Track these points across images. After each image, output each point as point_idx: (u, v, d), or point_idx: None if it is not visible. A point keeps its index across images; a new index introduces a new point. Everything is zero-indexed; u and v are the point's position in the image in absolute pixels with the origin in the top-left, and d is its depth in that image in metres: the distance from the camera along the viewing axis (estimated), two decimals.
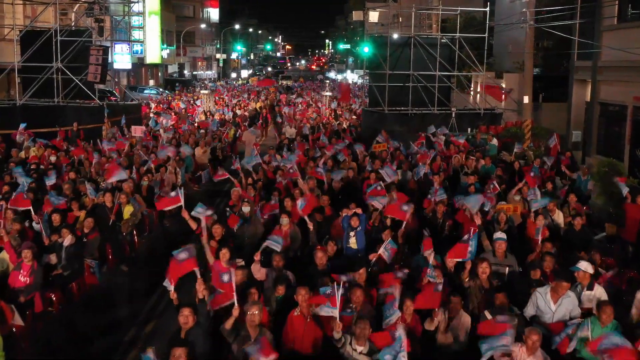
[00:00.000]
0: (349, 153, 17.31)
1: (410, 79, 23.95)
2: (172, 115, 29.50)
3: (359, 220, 9.57)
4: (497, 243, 8.89)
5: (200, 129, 23.30)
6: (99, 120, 22.57)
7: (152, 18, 48.95)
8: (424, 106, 23.75)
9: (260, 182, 13.14)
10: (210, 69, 78.98)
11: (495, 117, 23.99)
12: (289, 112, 32.39)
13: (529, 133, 22.91)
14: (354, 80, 67.37)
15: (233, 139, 24.39)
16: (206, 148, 18.88)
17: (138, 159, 15.70)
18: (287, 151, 17.67)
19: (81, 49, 23.58)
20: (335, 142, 19.33)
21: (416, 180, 14.41)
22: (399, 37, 24.57)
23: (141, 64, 49.76)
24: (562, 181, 16.15)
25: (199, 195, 16.56)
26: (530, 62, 22.65)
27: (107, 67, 23.50)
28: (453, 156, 17.41)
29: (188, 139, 19.90)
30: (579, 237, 10.63)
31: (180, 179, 15.18)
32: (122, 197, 11.46)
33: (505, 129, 23.15)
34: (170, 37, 59.89)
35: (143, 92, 44.96)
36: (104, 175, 13.77)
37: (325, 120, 27.79)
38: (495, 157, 19.26)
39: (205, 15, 76.82)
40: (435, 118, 23.03)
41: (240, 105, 35.54)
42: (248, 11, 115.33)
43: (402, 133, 22.52)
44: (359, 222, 9.56)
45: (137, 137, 20.21)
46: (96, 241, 10.01)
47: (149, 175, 13.65)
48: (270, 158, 15.75)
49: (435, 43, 24.47)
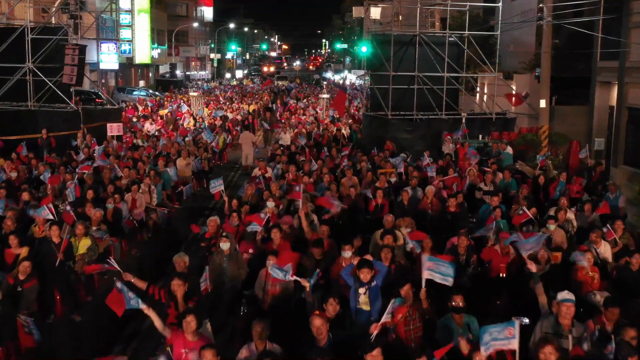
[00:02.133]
0: (349, 166, 15.28)
1: (415, 81, 21.92)
2: (158, 119, 27.40)
3: (371, 273, 7.18)
4: (563, 307, 6.45)
5: (185, 137, 21.18)
6: (74, 127, 20.49)
7: (142, 16, 46.84)
8: (430, 110, 21.71)
9: (248, 205, 11.07)
10: (204, 69, 76.91)
11: (508, 123, 21.97)
12: (283, 116, 30.39)
13: (546, 140, 20.94)
14: (352, 81, 65.27)
15: (223, 147, 22.34)
16: (189, 159, 16.82)
17: (108, 174, 13.64)
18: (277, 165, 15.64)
19: (57, 49, 21.53)
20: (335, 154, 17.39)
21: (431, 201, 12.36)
22: (402, 35, 22.51)
23: (130, 64, 47.63)
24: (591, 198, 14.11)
25: (179, 215, 14.57)
26: (548, 62, 20.68)
27: (83, 67, 21.45)
28: (467, 169, 15.42)
29: (170, 148, 17.83)
30: (636, 278, 8.61)
31: (155, 199, 13.13)
32: (78, 227, 9.40)
33: (520, 136, 21.15)
34: (162, 37, 57.79)
35: (132, 94, 42.79)
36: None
37: (323, 126, 25.71)
38: (511, 168, 17.30)
39: (199, 14, 74.70)
40: (444, 124, 21.01)
41: (231, 108, 33.44)
42: (244, 10, 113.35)
43: (408, 141, 20.52)
44: (371, 276, 7.16)
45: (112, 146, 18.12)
46: (33, 290, 7.93)
47: (115, 196, 11.56)
48: (255, 183, 13.33)
49: (442, 42, 22.45)
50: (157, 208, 13.01)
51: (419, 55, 21.92)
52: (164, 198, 13.73)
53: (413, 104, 21.78)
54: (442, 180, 14.09)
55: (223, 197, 11.54)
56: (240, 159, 22.56)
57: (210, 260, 8.71)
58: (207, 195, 16.91)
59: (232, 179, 19.64)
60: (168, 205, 13.82)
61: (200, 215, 14.86)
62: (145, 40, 47.71)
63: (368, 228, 12.04)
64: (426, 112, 21.62)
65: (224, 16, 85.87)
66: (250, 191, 12.30)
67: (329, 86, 59.73)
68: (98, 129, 20.66)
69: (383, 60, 21.34)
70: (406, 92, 22.06)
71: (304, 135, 21.48)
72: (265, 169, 15.19)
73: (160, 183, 13.61)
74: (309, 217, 10.84)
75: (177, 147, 18.03)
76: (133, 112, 32.57)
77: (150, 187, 13.00)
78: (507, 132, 21.45)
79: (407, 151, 18.81)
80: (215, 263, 8.53)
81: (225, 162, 22.54)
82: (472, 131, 21.05)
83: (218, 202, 16.27)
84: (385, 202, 12.45)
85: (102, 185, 13.04)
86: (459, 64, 23.15)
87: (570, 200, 13.69)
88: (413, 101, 21.80)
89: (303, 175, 14.42)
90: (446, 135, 19.06)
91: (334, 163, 16.51)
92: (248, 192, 12.32)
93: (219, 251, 8.58)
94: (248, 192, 12.29)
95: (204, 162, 17.90)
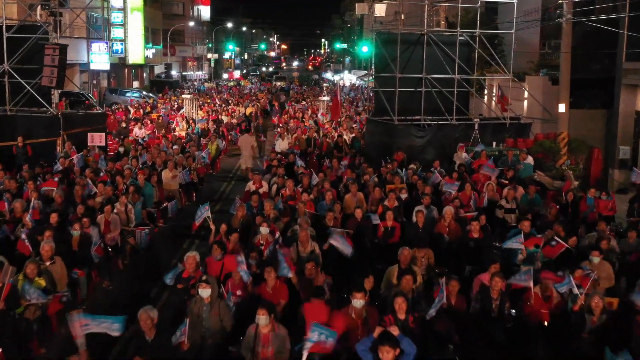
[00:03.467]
0: (353, 180, 13.67)
1: (423, 83, 20.30)
2: (148, 123, 25.76)
3: (394, 353, 5.42)
4: None
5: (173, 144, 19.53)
6: (53, 133, 18.85)
7: (135, 15, 45.08)
8: (438, 115, 20.09)
9: (237, 233, 9.44)
10: (201, 70, 75.23)
11: (523, 128, 20.34)
12: (281, 119, 28.77)
13: (565, 148, 19.33)
14: (352, 82, 63.56)
15: (215, 154, 20.69)
16: (176, 171, 15.19)
17: (80, 191, 12.00)
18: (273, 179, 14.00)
19: (37, 48, 19.88)
20: (337, 163, 15.77)
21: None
22: (409, 34, 20.86)
23: (123, 65, 45.91)
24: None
25: (163, 236, 12.97)
26: (567, 63, 19.06)
27: (64, 69, 19.77)
28: (485, 183, 13.82)
29: (156, 158, 16.20)
30: None
31: (133, 219, 11.50)
32: (28, 267, 7.78)
33: (537, 143, 19.55)
34: (157, 36, 56.09)
35: (125, 95, 41.15)
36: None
37: (324, 131, 24.07)
38: (530, 180, 15.72)
39: (195, 13, 73.00)
40: (454, 130, 19.41)
41: (227, 111, 31.79)
42: (242, 10, 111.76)
43: (416, 149, 18.91)
44: (394, 357, 5.43)
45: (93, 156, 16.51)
46: None
47: (83, 221, 9.90)
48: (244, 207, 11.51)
49: (451, 41, 20.83)
50: (136, 229, 11.41)
51: (427, 56, 20.30)
52: (144, 217, 12.09)
53: (420, 108, 20.16)
54: (458, 198, 12.50)
55: (209, 224, 9.93)
56: (234, 167, 21.02)
57: (188, 308, 7.10)
58: (195, 210, 15.35)
59: (225, 191, 17.99)
60: (149, 225, 12.18)
61: (186, 235, 13.24)
62: (139, 39, 45.98)
63: (377, 255, 10.50)
64: (435, 117, 20.01)
65: (221, 15, 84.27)
66: (240, 213, 10.68)
67: (329, 87, 58.05)
68: (79, 135, 19.03)
69: (388, 60, 19.70)
70: (412, 95, 20.46)
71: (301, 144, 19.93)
72: (259, 183, 13.59)
73: (139, 201, 11.95)
74: (310, 245, 9.28)
75: (164, 156, 16.41)
76: (123, 114, 30.96)
77: (127, 206, 11.37)
78: (522, 138, 19.87)
79: (416, 161, 17.24)
80: (193, 313, 6.92)
81: (218, 171, 20.90)
82: (485, 138, 19.47)
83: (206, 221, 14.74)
84: (395, 224, 10.86)
85: (74, 205, 11.42)
86: (469, 65, 21.55)
87: (599, 216, 12.20)
88: (420, 105, 20.18)
89: (302, 191, 12.85)
90: (462, 147, 17.43)
91: (336, 175, 14.92)
92: (238, 214, 10.70)
93: (198, 299, 6.97)
94: (238, 215, 10.67)
95: (193, 173, 16.25)
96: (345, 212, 12.10)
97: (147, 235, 11.44)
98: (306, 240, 9.34)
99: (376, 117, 20.69)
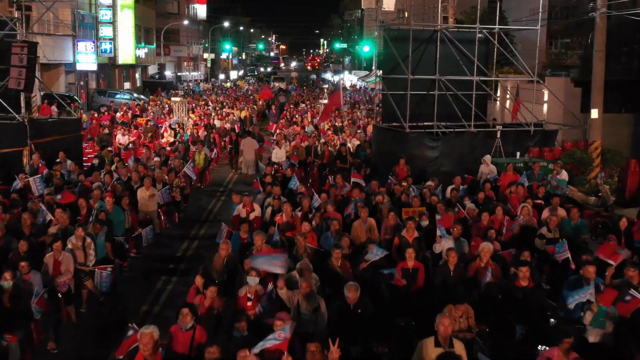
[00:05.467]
0: (363, 202, 11.47)
1: (436, 86, 18.09)
2: (132, 129, 23.54)
3: None
4: None
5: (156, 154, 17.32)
6: (20, 143, 16.65)
7: (125, 12, 42.86)
8: (453, 121, 17.89)
9: (215, 287, 7.20)
10: (197, 70, 73.06)
11: (549, 136, 18.13)
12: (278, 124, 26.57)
13: (598, 158, 17.18)
14: (352, 82, 61.32)
15: (204, 165, 18.43)
16: (154, 189, 12.98)
17: (29, 220, 9.78)
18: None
19: (5, 47, 17.70)
20: (341, 180, 13.55)
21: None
22: (420, 31, 18.64)
23: (113, 65, 43.69)
24: None
25: (133, 273, 10.78)
26: (601, 63, 16.89)
27: (34, 69, 17.60)
28: (520, 206, 11.62)
29: (132, 173, 13.98)
30: None
31: (93, 256, 9.28)
32: None
33: (566, 153, 17.39)
34: (150, 35, 53.90)
35: (115, 97, 38.86)
36: None
37: (324, 137, 21.85)
38: (562, 197, 13.54)
39: (191, 11, 70.85)
40: (473, 138, 17.19)
41: (220, 115, 29.53)
42: (240, 10, 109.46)
43: (429, 160, 16.72)
44: None
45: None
46: None
47: (21, 265, 7.68)
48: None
49: (467, 38, 18.65)
50: (96, 269, 9.21)
51: (440, 55, 18.08)
52: (109, 251, 9.86)
53: (433, 113, 17.95)
54: (492, 227, 10.31)
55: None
56: (225, 179, 18.90)
57: None
58: (177, 235, 13.17)
59: (213, 210, 15.72)
60: (115, 262, 9.96)
61: (162, 271, 11.03)
62: (129, 38, 43.76)
63: (396, 306, 8.34)
64: (449, 123, 17.83)
65: (218, 14, 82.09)
66: (224, 252, 8.47)
67: (329, 88, 55.76)
68: (49, 145, 16.81)
69: (399, 60, 17.46)
70: (424, 99, 18.28)
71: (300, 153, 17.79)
72: (250, 206, 11.37)
73: (102, 232, 9.73)
74: (314, 300, 7.11)
75: (143, 170, 14.19)
76: (109, 118, 28.75)
77: (85, 239, 9.15)
78: (548, 147, 17.69)
79: (434, 177, 15.05)
80: None
81: (207, 184, 18.64)
82: (505, 147, 17.26)
83: (190, 247, 12.57)
84: (418, 264, 8.67)
85: (21, 238, 9.21)
86: (487, 65, 19.38)
87: None
88: (433, 110, 17.97)
89: (301, 216, 10.68)
90: (487, 160, 15.25)
91: (342, 195, 12.68)
92: (222, 253, 8.48)
93: None
94: (222, 254, 8.45)
95: (176, 190, 14.01)
96: (354, 243, 9.97)
97: (109, 276, 9.21)
98: (309, 291, 7.19)
99: (384, 123, 18.49)
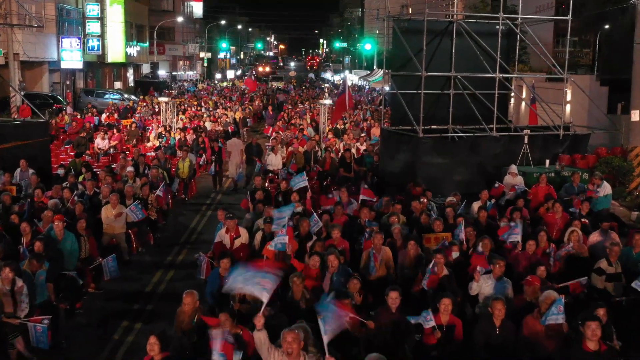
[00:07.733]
0: (377, 227, 9.32)
1: (452, 84, 15.95)
2: (115, 132, 21.36)
3: None
4: None
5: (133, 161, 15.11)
6: None
7: (115, 8, 40.68)
8: (472, 124, 15.74)
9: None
10: (193, 69, 70.84)
11: (580, 142, 15.96)
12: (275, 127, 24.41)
13: (639, 167, 15.05)
14: (353, 82, 59.13)
15: (189, 174, 16.21)
16: (122, 207, 10.79)
17: None
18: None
19: None
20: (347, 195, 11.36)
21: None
22: (434, 21, 16.48)
23: (102, 63, 41.51)
24: None
25: (86, 320, 8.62)
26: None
27: None
28: (569, 230, 9.47)
29: (102, 186, 11.80)
30: None
31: (26, 303, 7.11)
32: None
33: (601, 161, 15.25)
34: (142, 33, 51.72)
35: (103, 97, 36.70)
36: None
37: (325, 142, 19.69)
38: (605, 214, 11.44)
39: (187, 9, 68.63)
40: (495, 144, 15.04)
41: (213, 116, 27.34)
42: (239, 9, 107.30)
43: (442, 167, 14.55)
44: None
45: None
46: None
47: None
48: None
49: (488, 31, 16.50)
50: (29, 321, 7.04)
51: (456, 50, 15.92)
52: (51, 294, 7.69)
53: (448, 115, 15.81)
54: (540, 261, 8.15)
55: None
56: (212, 192, 16.78)
57: None
58: (149, 263, 10.99)
59: (196, 228, 13.50)
60: (59, 308, 7.77)
61: (126, 313, 8.85)
62: (119, 35, 41.58)
63: None
64: (466, 127, 15.69)
65: (216, 13, 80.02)
66: (189, 307, 6.27)
67: (329, 88, 53.65)
68: (11, 152, 14.66)
69: (411, 55, 15.27)
70: (438, 99, 16.14)
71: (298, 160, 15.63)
72: (236, 231, 9.21)
73: (42, 270, 7.56)
74: None
75: (112, 184, 12.02)
76: (93, 120, 26.61)
77: (15, 282, 6.99)
78: (579, 154, 15.54)
79: (449, 187, 12.93)
80: None
81: (192, 196, 16.45)
82: (533, 153, 15.09)
83: (163, 280, 10.38)
84: (455, 320, 6.52)
85: None
86: (508, 62, 17.25)
87: None
88: (448, 111, 15.84)
89: (297, 242, 8.54)
90: (514, 170, 13.12)
91: (347, 214, 10.48)
92: (186, 309, 6.29)
93: None
94: (186, 310, 6.27)
95: (151, 209, 11.80)
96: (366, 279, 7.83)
97: (46, 331, 7.04)
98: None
99: (394, 126, 16.33)
